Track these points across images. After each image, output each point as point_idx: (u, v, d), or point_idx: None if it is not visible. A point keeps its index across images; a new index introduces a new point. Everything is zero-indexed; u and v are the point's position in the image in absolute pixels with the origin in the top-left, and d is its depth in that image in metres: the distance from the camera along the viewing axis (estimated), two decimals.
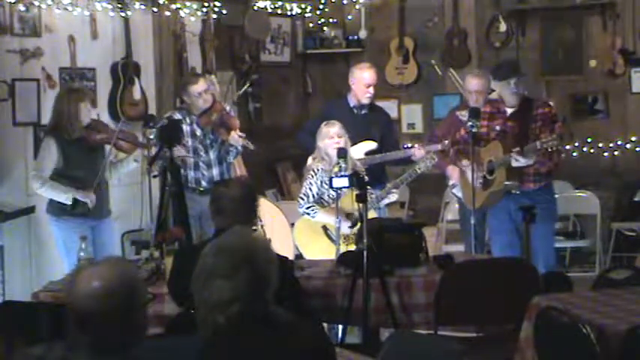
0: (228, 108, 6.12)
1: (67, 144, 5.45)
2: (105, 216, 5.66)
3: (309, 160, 5.75)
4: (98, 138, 5.51)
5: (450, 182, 6.24)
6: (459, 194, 6.04)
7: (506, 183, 5.46)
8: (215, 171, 5.95)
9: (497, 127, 5.53)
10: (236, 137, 5.88)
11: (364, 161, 5.83)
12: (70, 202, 5.42)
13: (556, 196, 5.69)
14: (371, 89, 6.12)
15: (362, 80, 6.12)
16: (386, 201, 5.70)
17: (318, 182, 5.44)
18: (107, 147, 5.53)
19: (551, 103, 5.76)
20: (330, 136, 5.44)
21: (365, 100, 6.13)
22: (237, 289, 2.41)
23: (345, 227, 5.24)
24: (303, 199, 5.47)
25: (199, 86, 5.86)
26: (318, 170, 5.46)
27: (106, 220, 5.69)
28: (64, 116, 5.45)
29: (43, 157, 5.51)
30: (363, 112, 6.17)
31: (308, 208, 5.44)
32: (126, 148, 5.59)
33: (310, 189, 5.45)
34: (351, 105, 6.18)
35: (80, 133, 5.45)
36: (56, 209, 5.52)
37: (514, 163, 5.38)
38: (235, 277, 2.42)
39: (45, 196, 5.53)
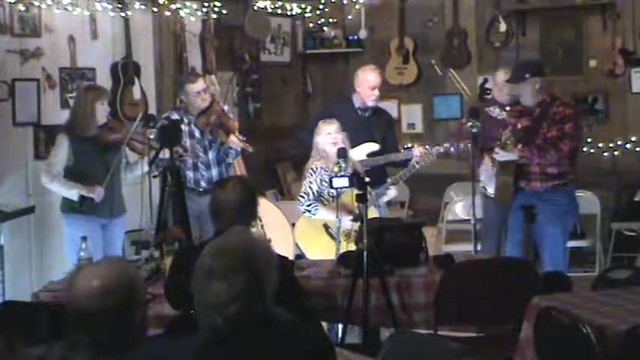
0: (226, 108, 6.10)
1: (80, 142, 5.46)
2: (116, 215, 5.67)
3: (311, 160, 5.76)
4: (112, 138, 5.52)
5: (481, 177, 6.20)
6: (489, 189, 5.98)
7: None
8: (214, 171, 5.94)
9: (519, 126, 5.53)
10: (235, 140, 5.86)
11: (365, 162, 5.84)
12: (76, 199, 5.44)
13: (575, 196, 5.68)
14: (376, 91, 6.12)
15: (367, 83, 6.12)
16: (385, 198, 5.71)
17: (318, 180, 5.45)
18: (122, 147, 5.54)
19: (570, 103, 5.75)
20: (328, 133, 5.47)
21: (371, 103, 6.13)
22: (235, 290, 2.41)
23: (347, 221, 5.24)
24: (303, 197, 5.48)
25: (197, 85, 5.83)
26: (317, 168, 5.47)
27: (118, 219, 5.70)
28: (80, 114, 5.46)
29: (55, 154, 5.53)
30: (367, 113, 6.17)
31: (309, 205, 5.46)
32: (139, 149, 5.59)
33: (310, 187, 5.47)
34: (356, 106, 6.18)
35: (95, 131, 5.47)
36: (67, 207, 5.55)
37: (495, 157, 5.44)
38: (233, 278, 2.41)
39: (54, 191, 5.56)
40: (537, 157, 5.36)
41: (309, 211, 5.47)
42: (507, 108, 6.07)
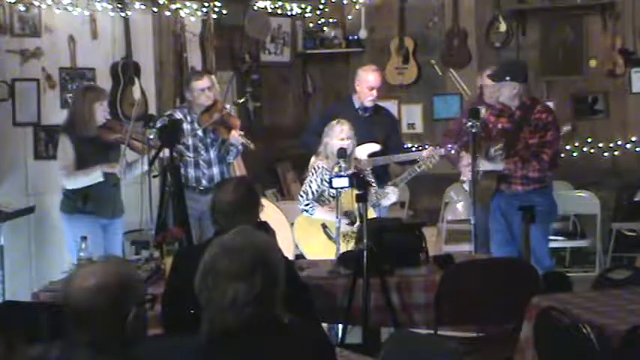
0: (228, 107, 6.12)
1: (82, 142, 5.46)
2: (117, 216, 5.67)
3: (313, 159, 5.77)
4: (112, 137, 5.52)
5: (462, 177, 6.23)
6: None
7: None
8: (215, 170, 5.96)
9: (499, 126, 5.58)
10: (236, 136, 5.87)
11: (368, 162, 5.84)
12: (102, 178, 5.43)
13: (554, 197, 5.70)
14: (374, 92, 6.12)
15: (366, 83, 6.12)
16: (386, 202, 5.69)
17: (318, 180, 5.45)
18: (122, 147, 5.54)
19: (550, 108, 5.78)
20: (341, 138, 5.43)
21: (368, 103, 6.13)
22: (255, 291, 2.39)
23: (344, 225, 5.25)
24: (302, 196, 5.50)
25: (203, 82, 5.87)
26: (318, 168, 5.48)
27: (118, 220, 5.70)
28: (79, 115, 5.45)
29: (64, 157, 5.50)
30: (368, 113, 6.17)
31: (307, 205, 5.47)
32: (140, 147, 5.59)
33: (310, 186, 5.48)
34: (356, 106, 6.18)
35: (94, 132, 5.47)
36: (68, 207, 5.53)
37: (480, 167, 5.48)
38: (251, 278, 2.40)
39: (80, 186, 5.47)
40: (520, 170, 5.44)
41: (307, 211, 5.49)
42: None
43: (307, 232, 5.56)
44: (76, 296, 2.30)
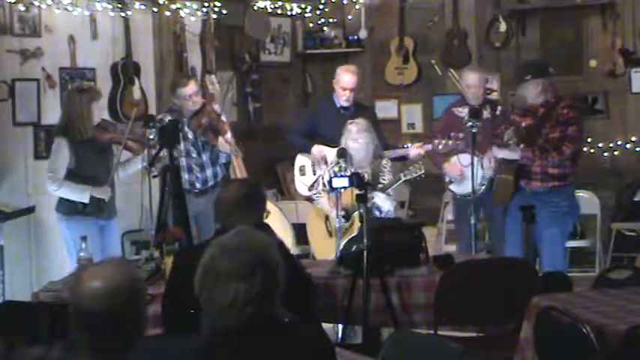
0: (219, 109, 6.05)
1: (79, 144, 5.42)
2: (112, 216, 5.66)
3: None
4: (108, 137, 5.50)
5: (447, 179, 6.25)
6: (457, 190, 6.07)
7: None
8: (209, 172, 5.95)
9: (523, 124, 5.56)
10: (223, 143, 5.85)
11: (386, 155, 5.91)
12: (87, 201, 5.39)
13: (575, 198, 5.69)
14: (347, 93, 6.09)
15: (339, 82, 6.13)
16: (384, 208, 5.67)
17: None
18: (117, 147, 5.52)
19: (575, 105, 5.77)
20: (354, 139, 5.56)
21: (343, 103, 6.13)
22: (254, 291, 2.39)
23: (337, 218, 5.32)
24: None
25: (189, 89, 5.81)
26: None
27: (113, 221, 5.68)
28: (76, 117, 5.40)
29: (56, 159, 5.44)
30: (349, 112, 6.14)
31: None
32: (135, 148, 5.57)
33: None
34: (338, 105, 6.18)
35: (92, 133, 5.44)
36: (66, 208, 5.48)
37: (494, 154, 5.48)
38: (251, 278, 2.40)
39: (62, 196, 5.45)
40: (539, 159, 5.37)
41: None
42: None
43: (314, 221, 5.77)
44: (85, 298, 2.29)
